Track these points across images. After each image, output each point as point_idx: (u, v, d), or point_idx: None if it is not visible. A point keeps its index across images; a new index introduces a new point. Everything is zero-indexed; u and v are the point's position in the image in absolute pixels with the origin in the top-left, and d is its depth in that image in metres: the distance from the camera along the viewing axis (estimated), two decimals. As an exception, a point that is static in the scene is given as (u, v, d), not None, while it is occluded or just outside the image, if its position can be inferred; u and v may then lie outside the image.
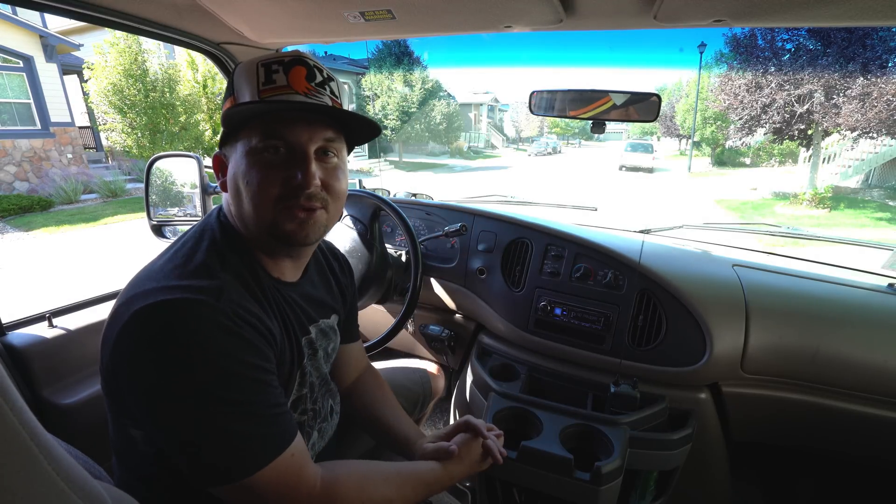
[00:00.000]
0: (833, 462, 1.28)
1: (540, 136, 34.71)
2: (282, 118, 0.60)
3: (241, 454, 0.53)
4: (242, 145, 0.61)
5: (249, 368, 0.55)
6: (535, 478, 0.88)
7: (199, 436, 0.52)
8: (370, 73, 18.27)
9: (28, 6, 0.87)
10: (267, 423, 0.55)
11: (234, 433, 0.53)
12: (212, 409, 0.52)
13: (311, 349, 0.73)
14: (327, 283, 0.83)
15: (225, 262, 0.60)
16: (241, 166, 0.61)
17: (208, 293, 0.54)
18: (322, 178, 0.62)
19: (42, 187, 8.77)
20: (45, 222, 7.39)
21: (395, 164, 18.18)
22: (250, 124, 0.60)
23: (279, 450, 0.55)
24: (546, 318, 1.14)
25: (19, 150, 8.73)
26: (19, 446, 0.27)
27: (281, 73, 0.60)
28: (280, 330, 0.64)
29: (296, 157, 0.60)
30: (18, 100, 8.79)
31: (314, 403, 0.74)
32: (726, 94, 11.45)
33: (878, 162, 11.05)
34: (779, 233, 1.39)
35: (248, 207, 0.61)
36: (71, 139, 9.53)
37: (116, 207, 8.48)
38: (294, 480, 0.56)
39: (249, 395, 0.54)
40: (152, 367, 0.52)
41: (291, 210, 0.61)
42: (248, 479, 0.53)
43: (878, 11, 0.77)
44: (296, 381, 0.68)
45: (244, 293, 0.60)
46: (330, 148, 0.64)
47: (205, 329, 0.52)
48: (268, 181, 0.59)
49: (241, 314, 0.56)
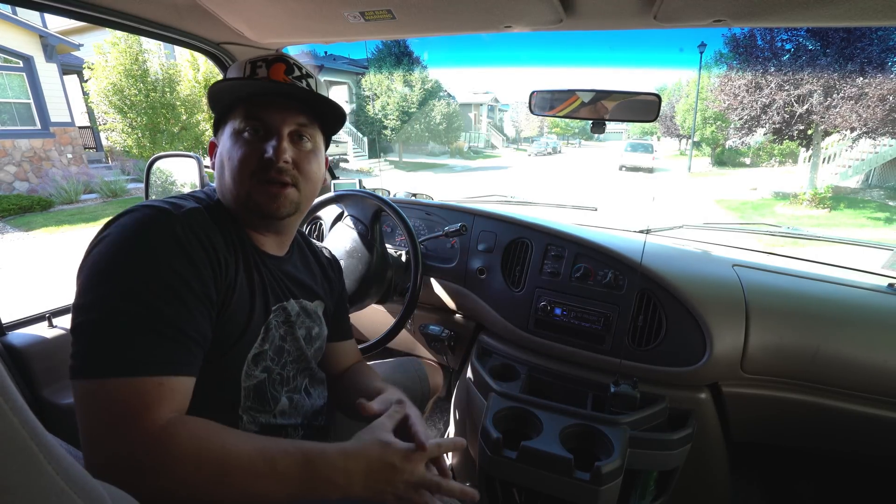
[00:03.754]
0: (833, 462, 1.28)
1: (540, 136, 34.71)
2: (261, 103, 0.68)
3: (105, 349, 0.51)
4: (228, 128, 0.70)
5: (175, 278, 0.56)
6: (535, 478, 0.88)
7: (89, 316, 0.52)
8: (370, 73, 18.27)
9: (28, 6, 0.88)
10: (155, 338, 0.53)
11: (120, 327, 0.52)
12: (116, 295, 0.53)
13: (285, 317, 0.75)
14: (310, 270, 0.86)
15: (207, 206, 0.67)
16: (225, 146, 0.69)
17: (174, 206, 0.61)
18: (294, 158, 0.69)
19: (42, 187, 8.77)
20: (45, 222, 7.39)
21: (395, 164, 18.17)
22: (235, 109, 0.69)
23: (149, 370, 0.51)
24: (546, 318, 1.14)
25: (19, 150, 8.72)
26: (19, 446, 0.27)
27: (263, 68, 0.70)
28: (238, 270, 0.66)
29: (270, 136, 0.68)
30: (18, 100, 8.78)
31: (282, 369, 0.74)
32: (726, 94, 11.45)
33: (878, 162, 11.05)
34: (779, 233, 1.39)
35: (227, 181, 0.68)
36: (71, 139, 9.52)
37: (117, 207, 8.48)
38: (139, 409, 0.50)
39: (158, 302, 0.54)
40: (97, 252, 0.55)
41: (263, 184, 0.67)
42: (98, 380, 0.50)
43: (878, 11, 0.77)
44: (259, 335, 0.69)
45: (210, 223, 0.64)
46: (304, 133, 0.71)
47: (156, 229, 0.57)
48: (245, 156, 0.67)
49: (195, 229, 0.60)
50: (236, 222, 0.70)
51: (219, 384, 0.64)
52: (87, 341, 0.52)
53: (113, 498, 0.35)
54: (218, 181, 0.71)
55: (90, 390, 0.50)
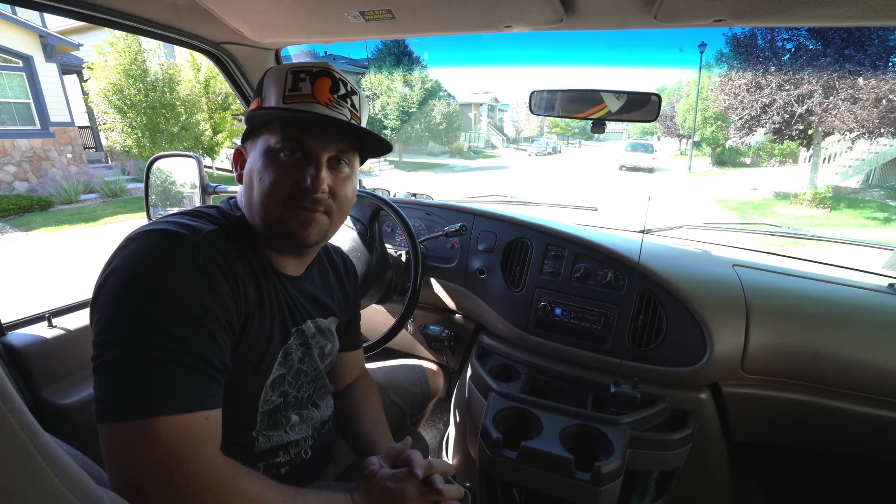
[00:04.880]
0: (833, 462, 1.28)
1: (540, 135, 34.74)
2: (301, 124, 0.63)
3: (147, 388, 0.49)
4: (262, 143, 0.65)
5: (199, 306, 0.53)
6: (535, 478, 0.88)
7: (117, 353, 0.49)
8: (370, 73, 18.27)
9: (28, 6, 0.87)
10: (186, 373, 0.51)
11: (155, 363, 0.50)
12: (144, 330, 0.50)
13: (303, 339, 0.74)
14: (328, 285, 0.84)
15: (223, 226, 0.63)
16: (257, 163, 0.65)
17: (190, 230, 0.57)
18: (331, 185, 0.66)
19: (42, 187, 8.77)
20: (45, 222, 7.39)
21: (395, 164, 18.17)
22: (272, 125, 0.64)
23: (195, 406, 0.51)
24: (546, 318, 1.14)
25: (19, 150, 8.72)
26: (18, 447, 0.27)
27: (307, 83, 0.64)
28: (258, 297, 0.64)
29: (308, 162, 0.64)
30: (18, 99, 8.78)
31: (298, 391, 0.74)
32: (726, 93, 11.45)
33: (879, 162, 11.06)
34: (779, 233, 1.39)
35: (257, 201, 0.64)
36: (70, 139, 9.52)
37: (116, 207, 8.48)
38: (196, 445, 0.51)
39: (183, 332, 0.52)
40: (114, 284, 0.52)
41: (296, 211, 0.64)
42: (145, 421, 0.48)
43: (879, 11, 0.77)
44: (277, 359, 0.68)
45: (228, 245, 0.61)
46: (343, 158, 0.67)
47: (173, 255, 0.54)
48: (279, 180, 0.63)
49: (214, 256, 0.57)
50: (257, 244, 0.67)
51: (236, 411, 0.62)
52: (120, 381, 0.49)
53: (112, 501, 0.35)
54: (245, 197, 0.67)
55: (134, 432, 0.48)
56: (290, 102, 0.64)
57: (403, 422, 1.14)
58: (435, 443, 1.68)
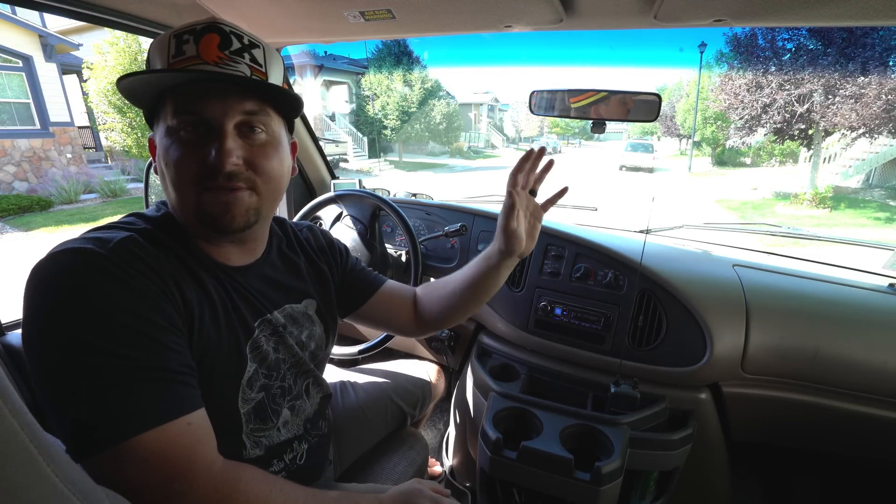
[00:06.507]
0: (834, 462, 1.28)
1: (540, 135, 34.71)
2: (195, 92, 0.55)
3: (114, 413, 0.46)
4: (161, 125, 0.57)
5: (132, 318, 0.49)
6: (535, 478, 0.88)
7: (69, 389, 0.45)
8: (370, 73, 18.27)
9: (28, 6, 0.88)
10: (148, 386, 0.48)
11: (108, 386, 0.46)
12: (83, 357, 0.46)
13: (272, 330, 0.68)
14: (293, 267, 0.76)
15: (140, 230, 0.57)
16: (161, 147, 0.57)
17: (98, 243, 0.51)
18: (245, 156, 0.57)
19: (42, 187, 8.77)
20: (45, 222, 7.39)
21: (395, 164, 18.17)
22: (164, 102, 0.57)
23: (169, 415, 0.48)
24: (546, 318, 1.14)
25: (18, 150, 8.72)
26: (18, 447, 0.27)
27: (191, 44, 0.55)
28: (198, 293, 0.58)
29: (211, 133, 0.56)
30: (18, 99, 8.78)
31: (282, 381, 0.70)
32: (727, 93, 11.46)
33: (879, 162, 11.05)
34: (779, 233, 1.39)
35: (171, 191, 0.57)
36: (70, 139, 9.52)
37: (116, 207, 8.48)
38: (187, 452, 0.49)
39: (127, 349, 0.48)
40: (29, 316, 0.48)
41: (212, 192, 0.56)
42: (125, 444, 0.45)
43: (879, 11, 0.77)
44: (246, 358, 0.63)
45: (149, 247, 0.54)
46: (255, 123, 0.58)
47: (86, 274, 0.49)
48: (183, 161, 0.55)
49: (132, 263, 0.51)
50: (187, 239, 0.60)
51: (216, 416, 0.57)
52: (88, 414, 0.46)
53: (112, 501, 0.35)
54: (164, 191, 0.60)
55: (118, 458, 0.46)
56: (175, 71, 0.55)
57: (404, 422, 1.14)
58: (435, 443, 1.68)
